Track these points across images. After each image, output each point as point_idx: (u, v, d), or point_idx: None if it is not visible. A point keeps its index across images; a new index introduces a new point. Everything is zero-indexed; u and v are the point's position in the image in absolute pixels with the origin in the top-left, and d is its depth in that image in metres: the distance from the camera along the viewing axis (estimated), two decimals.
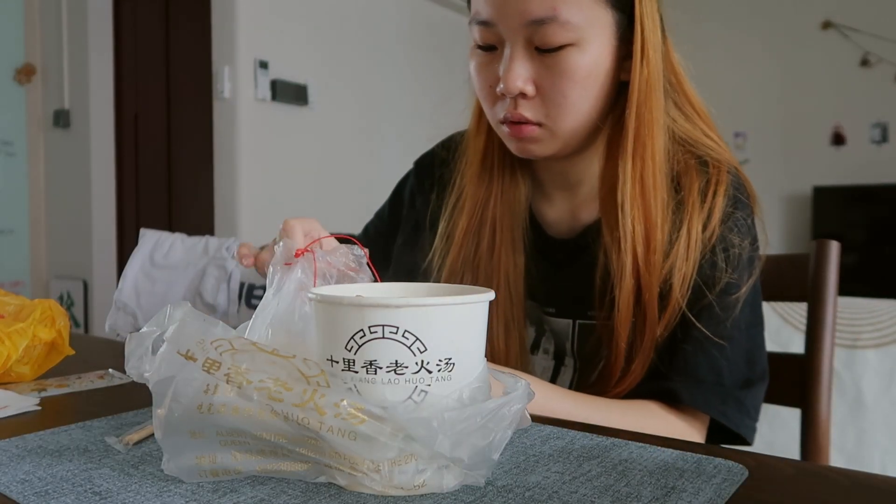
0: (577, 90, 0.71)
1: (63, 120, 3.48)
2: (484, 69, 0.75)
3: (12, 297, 0.81)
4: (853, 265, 3.96)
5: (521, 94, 0.72)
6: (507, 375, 0.46)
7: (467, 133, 0.87)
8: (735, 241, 0.73)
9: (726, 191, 0.74)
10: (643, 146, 0.73)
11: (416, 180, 0.96)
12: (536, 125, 0.74)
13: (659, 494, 0.42)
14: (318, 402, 0.40)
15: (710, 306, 0.73)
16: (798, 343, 1.54)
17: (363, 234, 1.02)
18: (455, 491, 0.43)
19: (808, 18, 4.42)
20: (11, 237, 3.59)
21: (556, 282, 0.82)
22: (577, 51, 0.70)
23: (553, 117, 0.73)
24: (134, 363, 0.44)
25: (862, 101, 4.28)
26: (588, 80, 0.72)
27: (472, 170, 0.84)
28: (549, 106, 0.72)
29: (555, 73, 0.71)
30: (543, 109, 0.73)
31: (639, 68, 0.72)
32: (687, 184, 0.75)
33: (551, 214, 0.85)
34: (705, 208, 0.73)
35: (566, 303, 0.81)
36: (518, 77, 0.71)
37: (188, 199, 3.42)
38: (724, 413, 0.73)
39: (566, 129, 0.74)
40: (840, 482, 0.46)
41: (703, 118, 0.80)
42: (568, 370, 0.82)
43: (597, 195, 0.80)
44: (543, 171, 0.85)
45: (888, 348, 1.48)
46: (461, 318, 0.43)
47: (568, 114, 0.73)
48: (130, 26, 3.58)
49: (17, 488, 0.43)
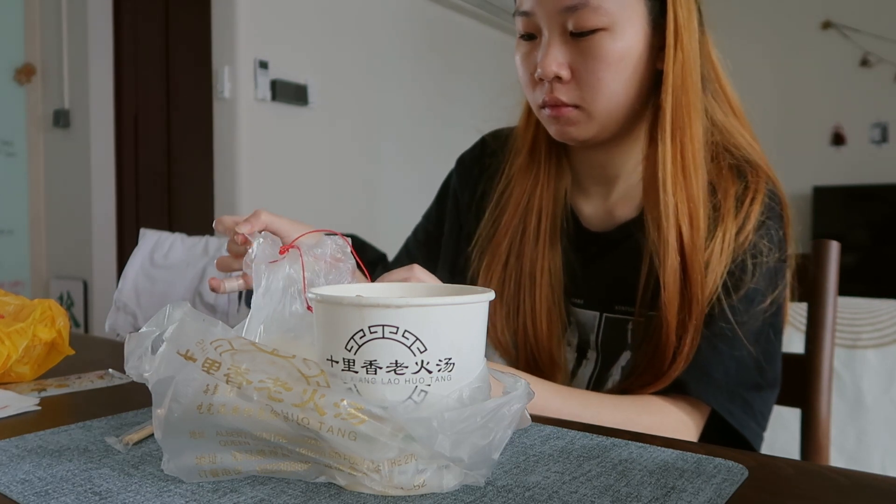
0: (611, 73, 0.74)
1: (63, 120, 3.48)
2: (526, 58, 0.79)
3: (12, 297, 0.81)
4: (853, 265, 3.96)
5: (556, 77, 0.75)
6: (507, 375, 0.46)
7: (517, 128, 0.91)
8: (764, 250, 0.76)
9: (763, 200, 0.77)
10: (681, 128, 0.75)
11: (458, 176, 0.99)
12: (574, 107, 0.76)
13: (659, 494, 0.42)
14: (318, 402, 0.40)
15: (732, 308, 0.74)
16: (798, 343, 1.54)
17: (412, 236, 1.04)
18: (455, 491, 0.43)
19: (808, 18, 4.42)
20: (11, 237, 3.59)
21: (587, 273, 0.84)
22: (609, 35, 0.73)
23: (588, 100, 0.75)
24: (134, 363, 0.44)
25: (862, 101, 4.28)
26: (621, 64, 0.74)
27: (521, 160, 0.87)
28: (584, 89, 0.75)
29: (588, 57, 0.74)
30: (579, 92, 0.76)
31: (672, 53, 0.75)
32: (722, 187, 0.77)
33: (587, 209, 0.87)
34: (741, 215, 0.76)
35: (595, 295, 0.83)
36: (553, 61, 0.74)
37: (188, 199, 3.42)
38: (729, 411, 0.73)
39: (602, 112, 0.76)
40: (840, 482, 0.46)
41: (738, 116, 0.83)
42: (590, 363, 0.84)
43: (632, 193, 0.83)
44: (582, 163, 0.87)
45: (888, 348, 1.48)
46: (461, 318, 0.43)
47: (602, 96, 0.75)
48: (130, 26, 3.57)
49: (17, 488, 0.43)
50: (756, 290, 0.75)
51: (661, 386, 0.75)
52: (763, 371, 0.76)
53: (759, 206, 0.76)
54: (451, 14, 4.17)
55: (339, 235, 0.57)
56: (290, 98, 3.21)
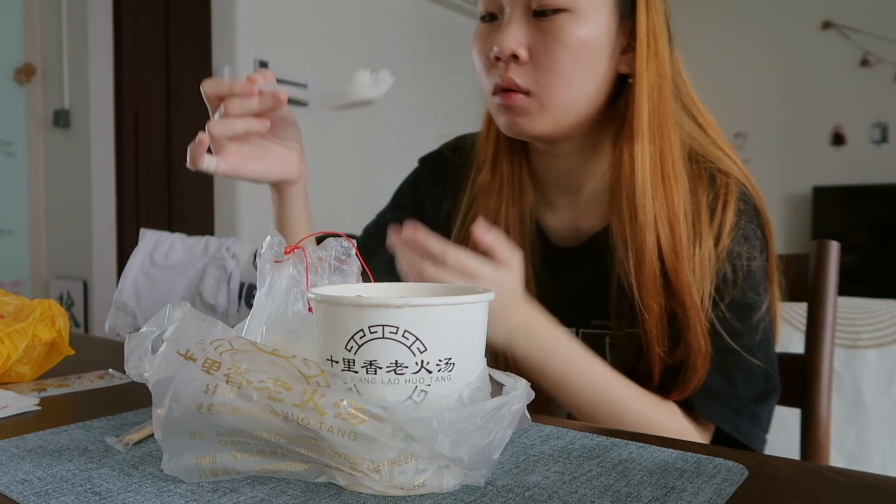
0: (569, 58, 0.71)
1: (63, 120, 3.48)
2: (484, 39, 0.77)
3: (12, 297, 0.81)
4: (853, 265, 3.96)
5: (513, 57, 0.73)
6: (506, 376, 0.46)
7: (478, 139, 0.88)
8: (744, 255, 0.73)
9: (735, 204, 0.74)
10: (660, 134, 0.73)
11: (427, 183, 0.95)
12: (525, 94, 0.73)
13: (659, 494, 0.42)
14: (318, 402, 0.40)
15: (728, 321, 0.72)
16: (798, 343, 1.54)
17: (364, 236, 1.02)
18: (455, 491, 0.43)
19: (808, 18, 4.42)
20: (11, 237, 3.59)
21: (558, 289, 0.81)
22: (572, 18, 0.71)
23: (542, 84, 0.73)
24: (134, 363, 0.44)
25: (862, 101, 4.28)
26: (581, 51, 0.72)
27: (483, 177, 0.84)
28: (539, 72, 0.72)
29: (548, 38, 0.72)
30: (534, 76, 0.73)
31: (646, 55, 0.73)
32: (695, 197, 0.74)
33: (553, 222, 0.85)
34: (715, 223, 0.73)
35: (570, 311, 0.80)
36: (512, 39, 0.72)
37: (188, 199, 3.42)
38: (736, 426, 0.72)
39: (555, 101, 0.73)
40: (840, 482, 0.46)
41: (712, 128, 0.80)
42: None
43: (598, 203, 0.80)
44: (546, 173, 0.84)
45: (888, 348, 1.48)
46: (461, 318, 0.43)
47: (559, 83, 0.72)
48: (130, 26, 3.57)
49: (17, 488, 0.43)
50: (749, 298, 0.73)
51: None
52: (769, 378, 0.75)
53: (733, 211, 0.73)
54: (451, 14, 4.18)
55: (344, 237, 0.57)
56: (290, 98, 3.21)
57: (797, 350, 0.90)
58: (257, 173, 0.77)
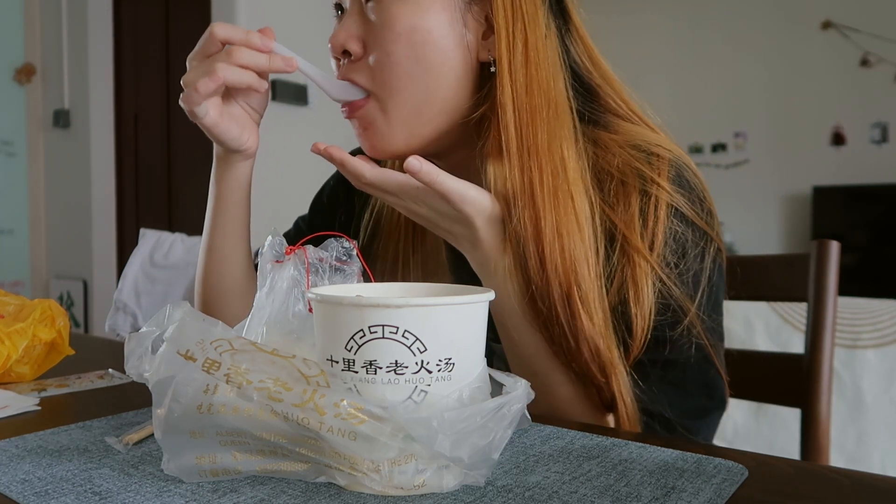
0: (401, 47, 0.62)
1: (63, 120, 3.48)
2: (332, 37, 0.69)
3: (12, 297, 0.81)
4: (853, 265, 3.96)
5: (345, 52, 0.66)
6: (506, 376, 0.46)
7: None
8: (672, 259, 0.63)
9: (667, 209, 0.63)
10: (532, 134, 0.61)
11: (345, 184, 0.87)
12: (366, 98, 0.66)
13: (659, 494, 0.42)
14: (318, 402, 0.40)
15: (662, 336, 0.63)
16: (798, 343, 1.54)
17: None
18: (455, 491, 0.43)
19: (808, 18, 4.42)
20: (11, 237, 3.59)
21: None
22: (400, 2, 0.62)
23: (380, 82, 0.64)
24: (134, 363, 0.44)
25: (862, 101, 4.28)
26: (414, 36, 0.62)
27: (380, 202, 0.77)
28: (375, 67, 0.64)
29: (377, 26, 0.63)
30: (370, 72, 0.64)
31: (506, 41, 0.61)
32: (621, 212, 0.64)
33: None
34: (647, 234, 0.63)
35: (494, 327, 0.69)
36: (342, 31, 0.65)
37: (188, 199, 3.42)
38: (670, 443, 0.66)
39: (399, 101, 0.64)
40: (840, 482, 0.46)
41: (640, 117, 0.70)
42: None
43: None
44: None
45: (888, 348, 1.48)
46: (461, 318, 0.43)
47: (395, 77, 0.63)
48: (130, 26, 3.58)
49: (17, 488, 0.43)
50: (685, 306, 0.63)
51: None
52: (712, 389, 0.66)
53: (665, 214, 0.63)
54: None
55: (345, 238, 0.57)
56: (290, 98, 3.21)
57: (797, 350, 0.91)
58: (230, 134, 0.69)
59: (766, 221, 4.47)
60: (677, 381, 0.65)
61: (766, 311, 1.60)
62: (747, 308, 1.62)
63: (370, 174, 0.61)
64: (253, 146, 0.74)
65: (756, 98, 4.52)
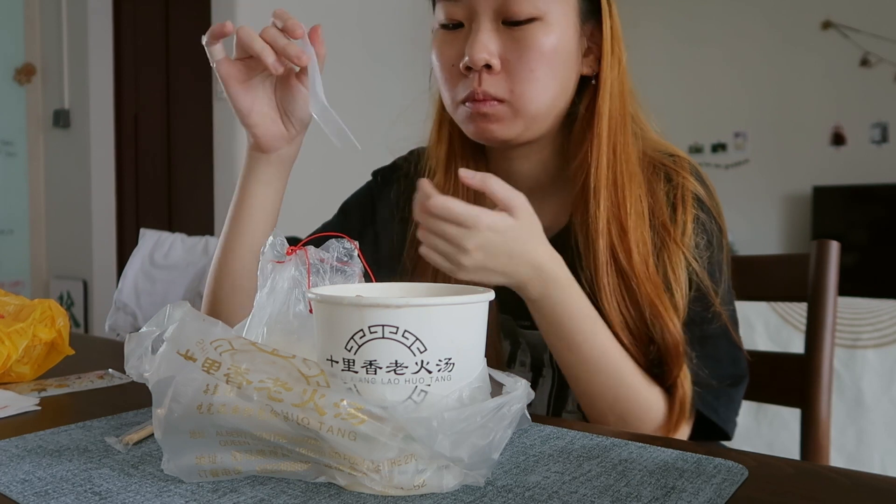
0: (544, 66, 0.71)
1: (63, 120, 3.48)
2: (448, 47, 0.74)
3: (12, 297, 0.81)
4: (853, 265, 3.96)
5: (486, 67, 0.71)
6: (506, 376, 0.46)
7: (428, 145, 0.86)
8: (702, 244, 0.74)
9: (691, 194, 0.74)
10: (617, 134, 0.73)
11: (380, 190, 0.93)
12: (499, 102, 0.72)
13: (659, 494, 0.42)
14: (318, 402, 0.40)
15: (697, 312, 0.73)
16: (798, 343, 1.54)
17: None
18: (455, 491, 0.43)
19: (808, 18, 4.41)
20: (11, 237, 3.59)
21: None
22: (543, 26, 0.71)
23: (518, 93, 0.72)
24: (134, 363, 0.44)
25: (862, 101, 4.28)
26: (554, 58, 0.72)
27: (437, 179, 0.82)
28: (514, 81, 0.72)
29: (522, 47, 0.71)
30: (508, 85, 0.72)
31: (610, 58, 0.73)
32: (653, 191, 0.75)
33: None
34: (678, 219, 0.73)
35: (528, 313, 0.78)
36: (484, 49, 0.71)
37: (188, 199, 3.42)
38: (715, 410, 0.73)
39: (529, 108, 0.73)
40: (840, 482, 0.46)
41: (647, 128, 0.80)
42: (546, 381, 0.82)
43: (557, 202, 0.79)
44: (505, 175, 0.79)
45: (888, 348, 1.48)
46: (461, 318, 0.43)
47: (534, 90, 0.72)
48: (130, 26, 3.57)
49: (17, 488, 0.43)
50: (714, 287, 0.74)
51: None
52: (737, 361, 0.76)
53: (691, 202, 0.74)
54: None
55: (346, 239, 0.57)
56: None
57: (797, 350, 0.91)
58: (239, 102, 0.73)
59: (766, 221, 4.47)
60: (713, 355, 0.74)
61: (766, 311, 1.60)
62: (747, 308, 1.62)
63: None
64: (262, 137, 0.75)
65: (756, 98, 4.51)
